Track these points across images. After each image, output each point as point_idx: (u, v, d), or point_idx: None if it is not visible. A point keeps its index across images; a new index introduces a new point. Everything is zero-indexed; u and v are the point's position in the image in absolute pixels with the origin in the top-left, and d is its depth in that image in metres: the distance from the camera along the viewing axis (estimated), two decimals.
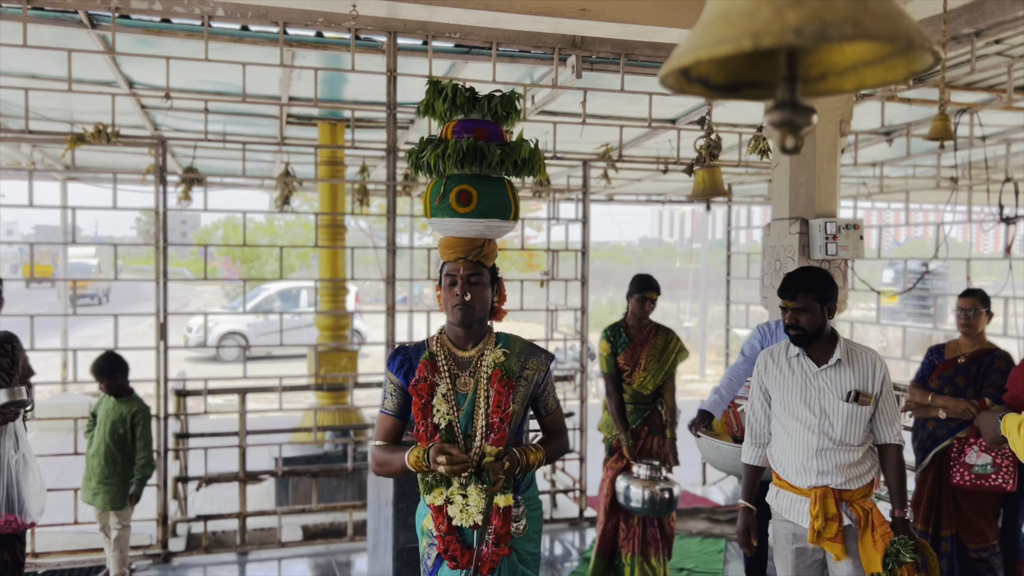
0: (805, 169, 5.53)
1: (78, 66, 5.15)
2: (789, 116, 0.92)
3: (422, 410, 2.45)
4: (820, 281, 3.11)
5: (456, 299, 2.45)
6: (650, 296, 4.64)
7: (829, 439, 3.03)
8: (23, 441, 4.04)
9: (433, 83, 2.53)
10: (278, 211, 6.57)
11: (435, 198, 2.45)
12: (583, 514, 6.21)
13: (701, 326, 21.15)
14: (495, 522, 2.43)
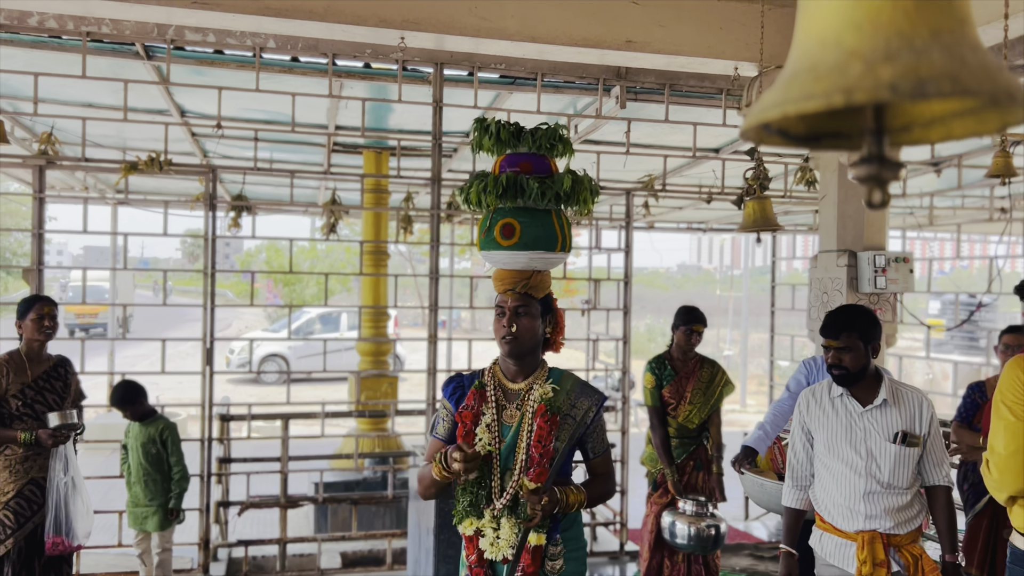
0: (853, 201, 5.45)
1: (133, 95, 5.27)
2: (877, 171, 0.90)
3: (464, 437, 2.45)
4: (863, 319, 3.04)
5: (503, 330, 2.45)
6: (697, 328, 4.59)
7: (877, 482, 2.94)
8: (72, 464, 4.10)
9: (479, 121, 2.55)
10: (325, 239, 6.63)
11: (483, 231, 2.47)
12: (624, 548, 6.12)
13: (742, 355, 20.89)
14: (524, 560, 2.38)
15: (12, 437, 3.94)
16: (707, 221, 12.24)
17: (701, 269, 70.18)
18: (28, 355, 4.10)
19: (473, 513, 2.43)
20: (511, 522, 2.38)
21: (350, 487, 6.77)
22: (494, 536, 2.39)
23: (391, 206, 8.14)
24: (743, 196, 4.69)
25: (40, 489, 4.03)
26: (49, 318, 4.10)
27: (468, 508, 2.44)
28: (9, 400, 3.98)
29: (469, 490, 2.45)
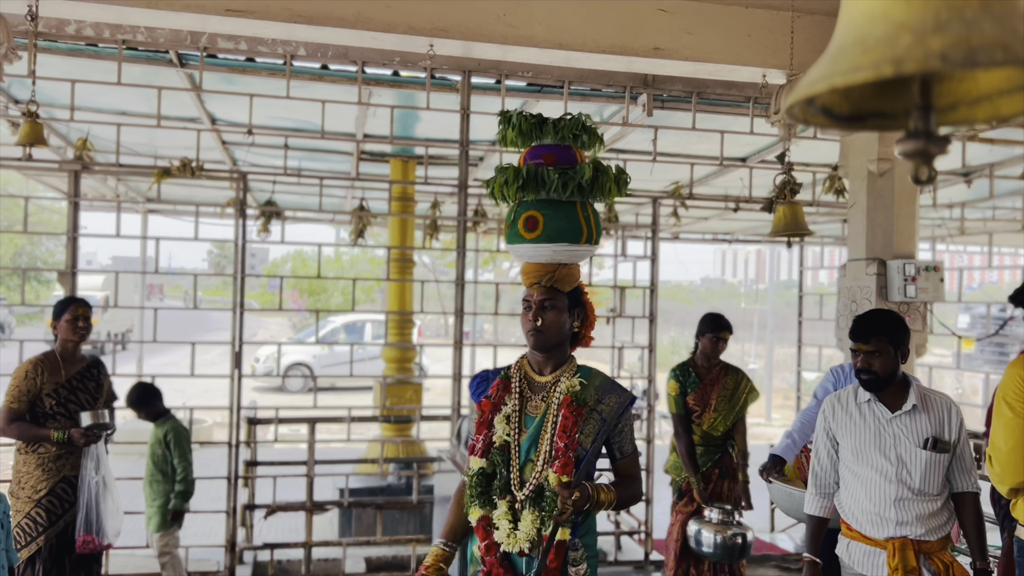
0: (883, 209, 5.41)
1: (165, 104, 5.36)
2: (924, 146, 0.90)
3: (481, 424, 2.44)
4: (893, 324, 3.01)
5: (529, 324, 2.44)
6: (723, 336, 4.57)
7: (907, 488, 2.90)
8: (103, 463, 4.14)
9: (503, 114, 2.54)
10: (352, 244, 6.68)
11: (507, 224, 2.46)
12: (648, 557, 6.07)
13: (767, 368, 20.72)
14: (549, 555, 2.32)
15: (45, 435, 3.99)
16: (733, 232, 12.19)
17: (725, 283, 69.79)
18: (62, 355, 4.17)
19: (484, 502, 2.39)
20: (533, 514, 2.34)
21: (375, 493, 6.78)
22: (510, 528, 2.35)
23: (418, 214, 8.18)
24: (773, 201, 4.67)
25: (72, 488, 4.08)
26: (83, 319, 4.17)
27: (478, 497, 2.40)
28: (43, 399, 4.04)
29: (475, 479, 2.42)
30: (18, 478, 4.08)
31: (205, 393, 17.02)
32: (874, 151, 5.33)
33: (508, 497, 2.38)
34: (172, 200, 9.63)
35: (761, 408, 20.32)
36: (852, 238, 5.63)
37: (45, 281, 28.03)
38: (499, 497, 2.39)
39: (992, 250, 10.32)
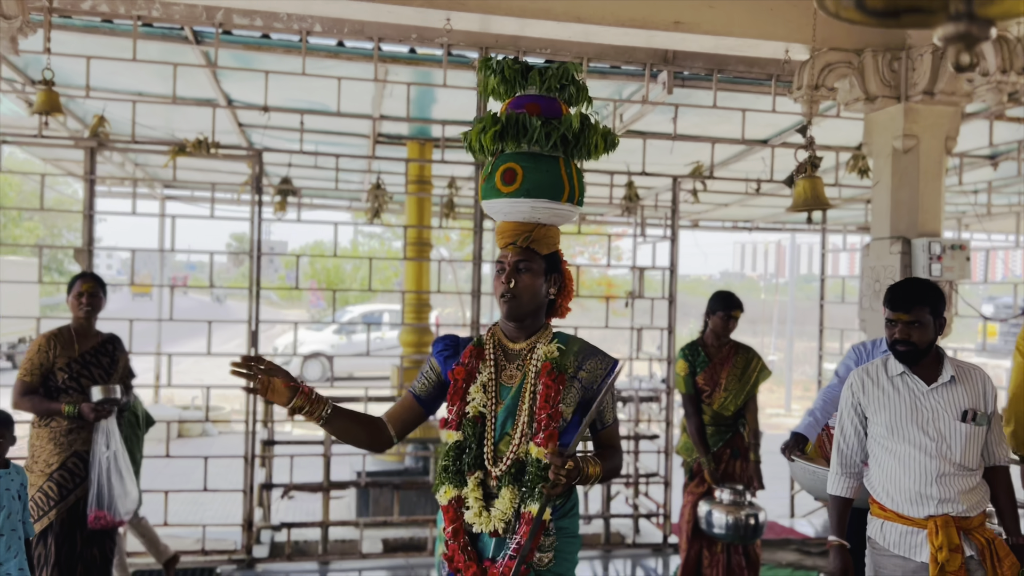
0: (908, 186, 5.30)
1: (181, 84, 5.34)
2: (965, 28, 0.83)
3: (454, 395, 2.26)
4: (934, 293, 2.89)
5: (502, 287, 2.25)
6: (734, 314, 4.48)
7: (949, 463, 2.78)
8: (115, 439, 4.12)
9: (484, 60, 2.35)
10: (368, 223, 6.65)
11: (484, 178, 2.29)
12: (667, 540, 6.02)
13: (787, 360, 20.54)
14: (520, 532, 2.15)
15: (57, 409, 3.99)
16: (753, 219, 12.06)
17: (744, 276, 69.20)
18: (77, 331, 4.17)
19: (453, 480, 2.22)
20: (512, 492, 2.16)
21: (392, 475, 6.77)
22: (481, 506, 2.19)
23: (434, 196, 8.14)
24: (794, 175, 4.58)
25: (84, 462, 4.07)
26: (88, 295, 4.13)
27: (447, 475, 2.23)
28: (56, 373, 4.04)
29: (450, 454, 2.25)
30: (32, 452, 4.08)
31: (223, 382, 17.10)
32: (899, 127, 5.23)
33: (478, 473, 2.22)
34: (189, 186, 9.67)
35: (781, 399, 20.16)
36: (876, 217, 5.53)
37: (68, 272, 28.29)
38: (468, 473, 2.22)
39: (1020, 238, 10.14)
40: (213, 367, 18.53)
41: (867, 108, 5.37)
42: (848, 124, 6.27)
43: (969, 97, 5.20)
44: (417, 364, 7.62)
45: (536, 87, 2.29)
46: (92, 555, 4.14)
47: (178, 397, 13.06)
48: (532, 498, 2.15)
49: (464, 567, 2.18)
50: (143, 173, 9.31)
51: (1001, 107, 5.78)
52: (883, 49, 5.22)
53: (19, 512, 3.34)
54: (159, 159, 7.18)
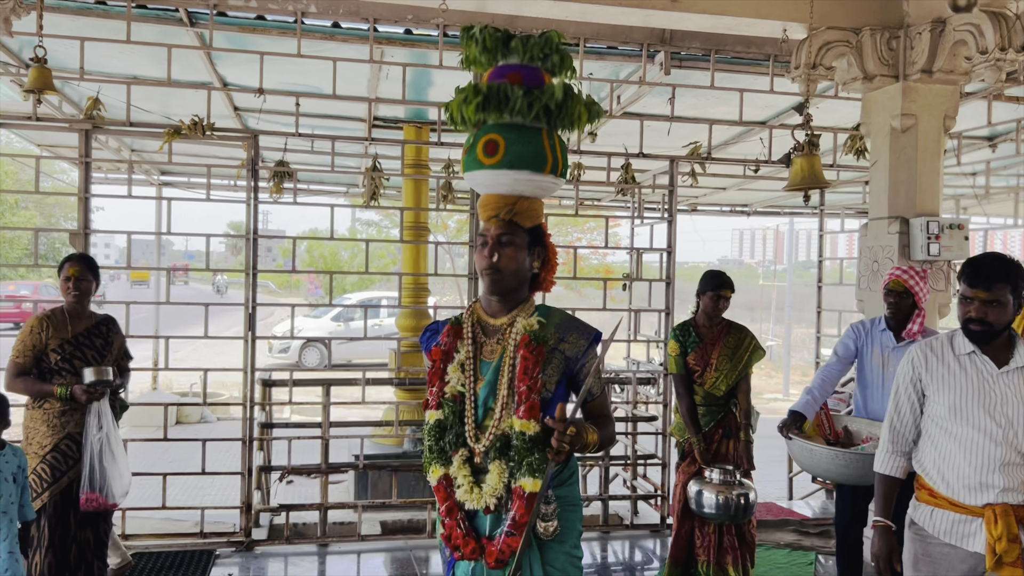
0: (906, 166, 5.29)
1: (176, 67, 5.31)
2: None
3: (434, 375, 2.25)
4: (1016, 269, 2.68)
5: (485, 261, 2.22)
6: (725, 293, 4.44)
7: (1015, 451, 2.64)
8: (106, 421, 4.06)
9: (465, 28, 2.31)
10: (365, 206, 6.63)
11: (466, 150, 2.25)
12: (664, 521, 6.03)
13: (785, 346, 20.59)
14: (514, 506, 2.15)
15: (49, 391, 3.97)
16: (750, 204, 12.04)
17: (743, 263, 69.34)
18: (70, 312, 4.13)
19: (439, 460, 2.22)
20: (500, 467, 2.16)
21: (389, 459, 6.77)
22: (470, 484, 2.18)
23: (431, 180, 8.12)
24: (791, 153, 4.57)
25: (77, 445, 4.03)
26: (75, 280, 4.08)
27: (432, 455, 2.23)
28: (48, 354, 4.01)
29: (432, 434, 2.24)
30: (26, 434, 4.07)
31: (223, 355, 17.17)
32: (897, 106, 5.21)
33: (463, 451, 2.21)
34: (185, 173, 9.64)
35: (779, 384, 20.23)
36: (874, 197, 5.52)
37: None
38: (452, 452, 2.22)
39: (1018, 221, 10.13)
40: (212, 354, 18.56)
41: (865, 87, 5.35)
42: (846, 105, 6.25)
43: (967, 75, 5.18)
44: (415, 348, 7.60)
45: (519, 57, 2.24)
46: (86, 537, 4.11)
47: (176, 384, 13.07)
48: (521, 472, 2.14)
49: (463, 543, 2.17)
50: (139, 158, 9.27)
51: (1000, 85, 5.76)
52: (881, 27, 5.20)
53: (12, 495, 3.33)
54: (155, 144, 7.14)
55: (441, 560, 2.39)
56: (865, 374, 4.33)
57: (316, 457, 5.73)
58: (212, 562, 5.14)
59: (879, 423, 4.19)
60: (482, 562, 2.18)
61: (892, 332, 4.22)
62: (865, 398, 4.35)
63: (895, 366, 4.22)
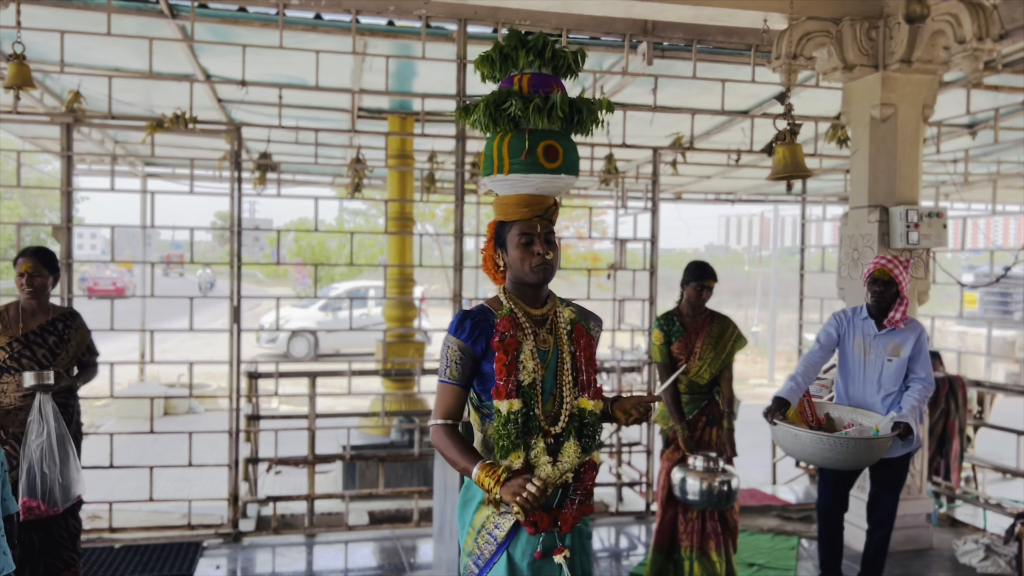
0: (886, 155, 5.34)
1: (158, 59, 5.29)
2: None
3: (507, 367, 2.36)
4: None
5: (538, 258, 2.37)
6: (708, 284, 4.48)
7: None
8: (49, 424, 3.80)
9: (514, 32, 2.41)
10: (349, 197, 6.64)
11: (518, 153, 2.34)
12: (649, 508, 6.10)
13: (770, 332, 20.72)
14: (587, 477, 2.41)
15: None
16: (735, 191, 12.10)
17: (729, 250, 69.43)
18: (24, 308, 3.96)
19: (520, 446, 2.35)
20: (574, 445, 2.38)
21: (377, 448, 6.81)
22: (548, 462, 2.35)
23: (415, 171, 8.13)
24: (773, 143, 4.61)
25: (20, 446, 3.79)
26: (28, 276, 3.91)
27: (517, 440, 2.35)
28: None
29: (516, 422, 2.36)
30: None
31: (207, 346, 17.15)
32: (877, 96, 5.26)
33: (540, 434, 2.37)
34: (169, 163, 9.60)
35: (764, 370, 20.37)
36: (854, 186, 5.58)
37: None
38: (532, 436, 2.36)
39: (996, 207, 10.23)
40: (199, 344, 18.53)
41: (845, 77, 5.40)
42: (827, 94, 6.30)
43: (946, 65, 5.23)
44: (401, 338, 7.64)
45: (547, 67, 2.40)
46: (30, 539, 3.88)
47: (164, 375, 13.05)
48: (593, 446, 2.43)
49: (539, 518, 2.34)
50: (122, 150, 9.23)
51: (978, 75, 5.81)
52: (861, 18, 5.24)
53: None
54: (138, 135, 7.12)
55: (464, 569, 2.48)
56: (847, 361, 4.39)
57: (303, 448, 5.76)
58: (200, 554, 5.17)
59: (861, 410, 4.26)
60: (554, 531, 2.37)
61: (873, 320, 4.28)
62: (847, 385, 4.41)
63: (876, 354, 4.29)
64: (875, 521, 4.43)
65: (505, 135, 2.35)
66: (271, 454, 5.91)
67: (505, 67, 2.41)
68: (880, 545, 4.43)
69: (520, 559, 2.37)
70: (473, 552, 2.42)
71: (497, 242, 2.46)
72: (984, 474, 6.72)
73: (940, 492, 6.11)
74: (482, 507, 2.41)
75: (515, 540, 2.39)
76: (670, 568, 4.59)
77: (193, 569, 4.94)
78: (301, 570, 5.11)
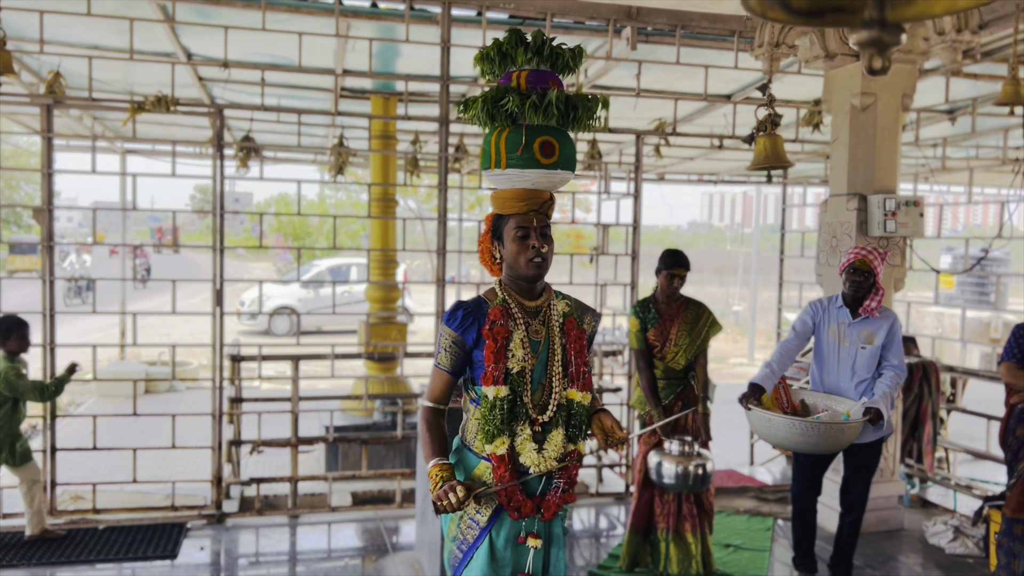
0: (865, 144, 5.40)
1: (139, 38, 5.24)
2: (877, 34, 0.89)
3: (495, 354, 2.41)
4: None
5: (533, 252, 2.42)
6: (678, 273, 4.53)
7: None
8: None
9: (514, 31, 2.42)
10: (332, 181, 6.62)
11: (515, 149, 2.38)
12: (628, 489, 6.20)
13: (751, 310, 20.88)
14: (573, 469, 2.48)
15: None
16: (718, 173, 12.15)
17: (712, 227, 69.81)
18: None
19: (505, 432, 2.41)
20: (560, 434, 2.44)
21: (360, 430, 6.85)
22: (533, 449, 2.41)
23: (399, 152, 8.10)
24: (754, 133, 4.64)
25: None
26: None
27: (502, 426, 2.41)
28: None
29: (502, 407, 2.42)
30: None
31: (190, 336, 17.09)
32: (857, 85, 5.31)
33: (527, 422, 2.43)
34: (150, 139, 9.50)
35: (744, 348, 20.55)
36: (834, 174, 5.64)
37: (26, 225, 27.73)
38: (519, 423, 2.43)
39: (973, 190, 10.35)
40: (180, 321, 18.44)
41: (827, 66, 5.44)
42: (810, 80, 6.33)
43: (926, 55, 5.28)
44: (385, 320, 7.66)
45: (545, 63, 2.41)
46: None
47: (145, 353, 13.01)
48: (580, 436, 2.50)
49: (523, 504, 2.42)
50: (103, 128, 9.13)
51: (956, 64, 5.87)
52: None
53: None
54: (119, 114, 7.05)
55: (448, 555, 2.52)
56: (822, 349, 4.47)
57: (286, 429, 5.80)
58: (184, 535, 5.21)
59: (835, 396, 4.35)
60: (537, 517, 2.45)
61: (848, 309, 4.35)
62: (821, 371, 4.50)
63: (850, 341, 4.38)
64: (847, 504, 4.54)
65: (503, 131, 2.39)
66: (254, 436, 5.94)
67: (504, 64, 2.43)
68: (852, 527, 4.55)
69: (501, 544, 2.44)
70: (457, 537, 2.48)
71: (494, 235, 2.50)
72: (956, 456, 6.86)
73: (912, 474, 6.25)
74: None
75: (497, 525, 2.45)
76: (647, 549, 4.68)
77: (177, 550, 4.98)
78: (285, 551, 5.16)
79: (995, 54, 5.82)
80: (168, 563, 4.82)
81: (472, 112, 2.42)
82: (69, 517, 5.34)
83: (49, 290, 5.21)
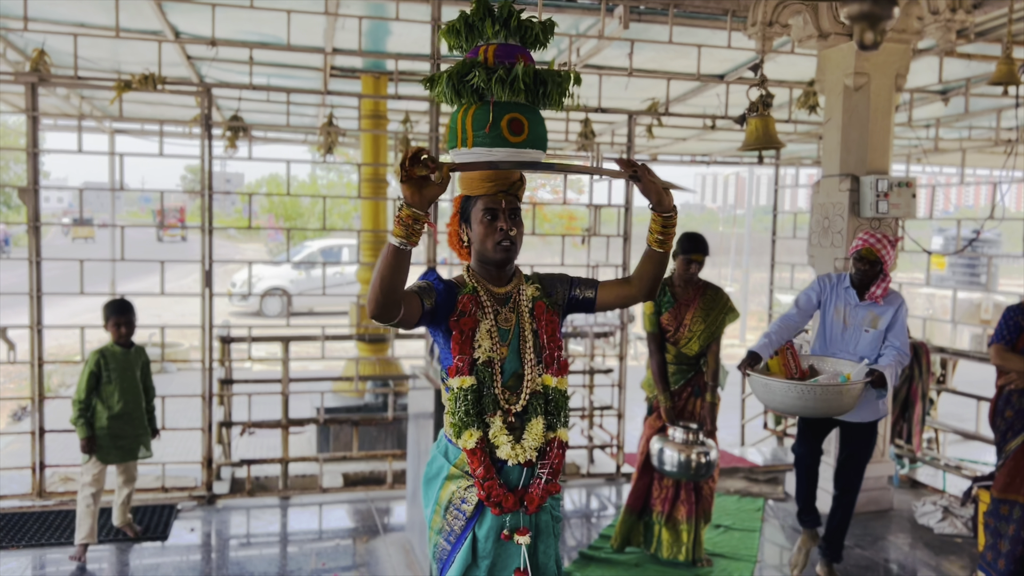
0: (858, 124, 5.38)
1: (125, 16, 5.16)
2: (869, 7, 0.87)
3: (461, 344, 2.32)
4: None
5: (500, 235, 2.30)
6: (696, 258, 4.44)
7: None
8: None
9: (481, 2, 2.28)
10: (321, 160, 6.57)
11: (482, 126, 2.24)
12: (620, 470, 6.21)
13: (743, 291, 20.93)
14: (553, 455, 2.37)
15: None
16: (711, 153, 12.11)
17: (705, 208, 69.76)
18: None
19: (474, 423, 2.32)
20: (538, 422, 2.35)
21: (351, 412, 6.84)
22: (510, 441, 2.32)
23: (389, 131, 8.04)
24: (746, 114, 4.61)
25: None
26: None
27: (467, 418, 2.31)
28: None
29: (466, 399, 2.32)
30: None
31: (181, 318, 17.02)
32: (850, 65, 5.27)
33: (499, 413, 2.34)
34: (139, 119, 9.41)
35: (736, 330, 20.58)
36: (827, 154, 5.61)
37: (16, 206, 27.55)
38: (489, 415, 2.33)
39: (965, 171, 10.34)
40: (169, 303, 18.36)
41: (820, 45, 5.40)
42: (803, 60, 6.29)
43: (919, 34, 5.25)
44: None
45: (513, 37, 2.28)
46: None
47: (135, 334, 12.96)
48: (560, 423, 2.40)
49: (503, 498, 2.31)
50: (89, 106, 9.03)
51: (950, 44, 5.83)
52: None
53: None
54: (105, 93, 6.97)
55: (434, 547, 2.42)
56: (825, 327, 4.42)
57: (277, 410, 5.78)
58: (174, 516, 5.20)
59: (844, 361, 4.24)
60: (520, 511, 2.34)
61: (855, 291, 4.31)
62: (823, 350, 4.44)
63: (854, 323, 4.32)
64: (841, 487, 4.51)
65: (469, 107, 2.25)
66: (245, 417, 5.92)
67: (471, 38, 2.30)
68: (845, 510, 4.52)
69: (484, 540, 2.34)
70: (443, 529, 2.39)
71: (462, 216, 2.39)
72: (945, 436, 6.90)
73: (902, 454, 6.28)
74: (447, 482, 2.39)
75: (480, 520, 2.36)
76: (640, 528, 4.68)
77: (168, 531, 4.98)
78: (275, 532, 5.16)
79: (989, 34, 5.79)
80: (159, 544, 4.82)
81: (438, 88, 2.28)
82: (59, 499, 5.32)
83: (36, 271, 5.17)
